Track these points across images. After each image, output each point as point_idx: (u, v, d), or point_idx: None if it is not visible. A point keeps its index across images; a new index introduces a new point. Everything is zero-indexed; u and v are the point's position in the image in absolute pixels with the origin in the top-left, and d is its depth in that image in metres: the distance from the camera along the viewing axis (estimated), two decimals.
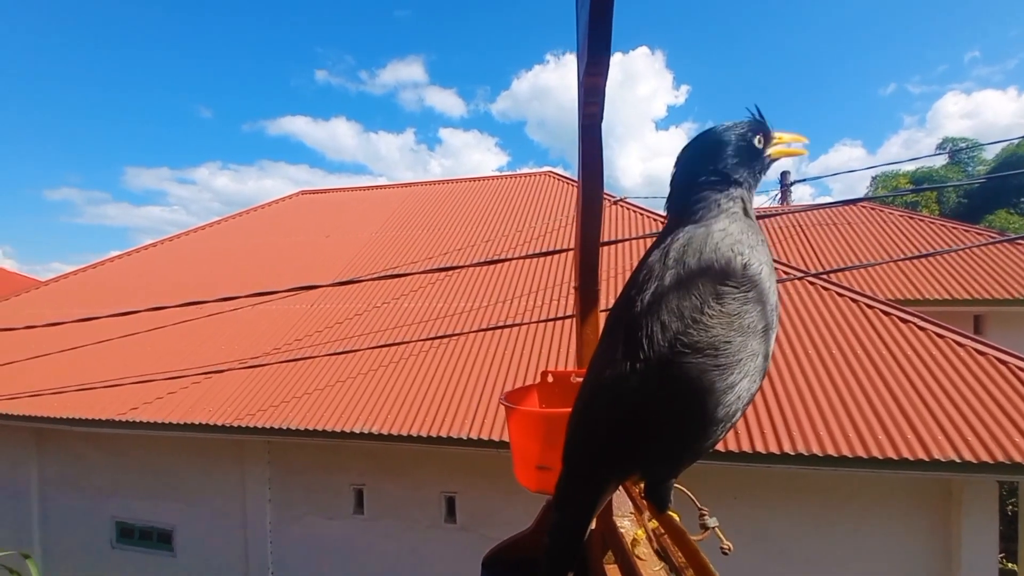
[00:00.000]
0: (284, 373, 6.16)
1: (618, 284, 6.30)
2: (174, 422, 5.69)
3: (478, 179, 12.02)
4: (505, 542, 1.17)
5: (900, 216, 10.16)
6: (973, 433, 4.19)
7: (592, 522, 0.76)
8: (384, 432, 5.16)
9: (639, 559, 0.82)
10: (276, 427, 5.42)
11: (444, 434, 5.00)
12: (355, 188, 13.10)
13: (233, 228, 11.37)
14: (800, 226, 10.27)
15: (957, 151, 24.63)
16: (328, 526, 6.27)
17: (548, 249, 7.27)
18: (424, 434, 5.04)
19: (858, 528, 4.99)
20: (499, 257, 7.56)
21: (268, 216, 11.82)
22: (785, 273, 6.32)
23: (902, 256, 8.29)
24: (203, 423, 5.63)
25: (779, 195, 13.81)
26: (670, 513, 0.72)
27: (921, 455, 4.09)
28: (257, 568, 6.38)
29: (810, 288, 6.12)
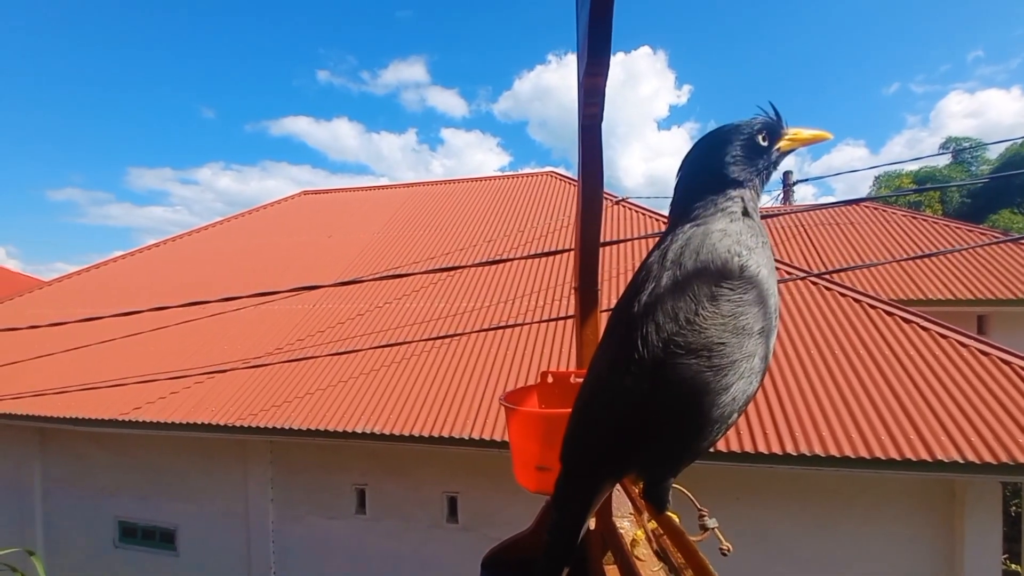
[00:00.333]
0: (286, 373, 6.18)
1: (620, 285, 6.30)
2: (177, 422, 5.71)
3: (480, 179, 12.04)
4: (504, 542, 1.17)
5: (903, 216, 10.14)
6: (976, 434, 4.18)
7: (589, 520, 0.76)
8: (386, 432, 5.17)
9: (639, 560, 0.82)
10: (278, 427, 5.43)
11: (446, 434, 5.01)
12: (357, 188, 13.14)
13: (236, 228, 11.39)
14: (803, 226, 10.26)
15: (960, 151, 24.54)
16: (330, 526, 6.28)
17: (550, 249, 7.26)
18: (426, 434, 5.05)
19: (861, 529, 4.98)
20: (501, 257, 7.56)
21: (270, 216, 11.85)
22: (788, 273, 6.30)
23: (905, 256, 8.27)
24: (206, 423, 5.65)
25: (781, 195, 13.80)
26: (669, 514, 0.72)
27: (924, 456, 4.08)
28: (259, 567, 6.39)
29: (813, 288, 6.11)
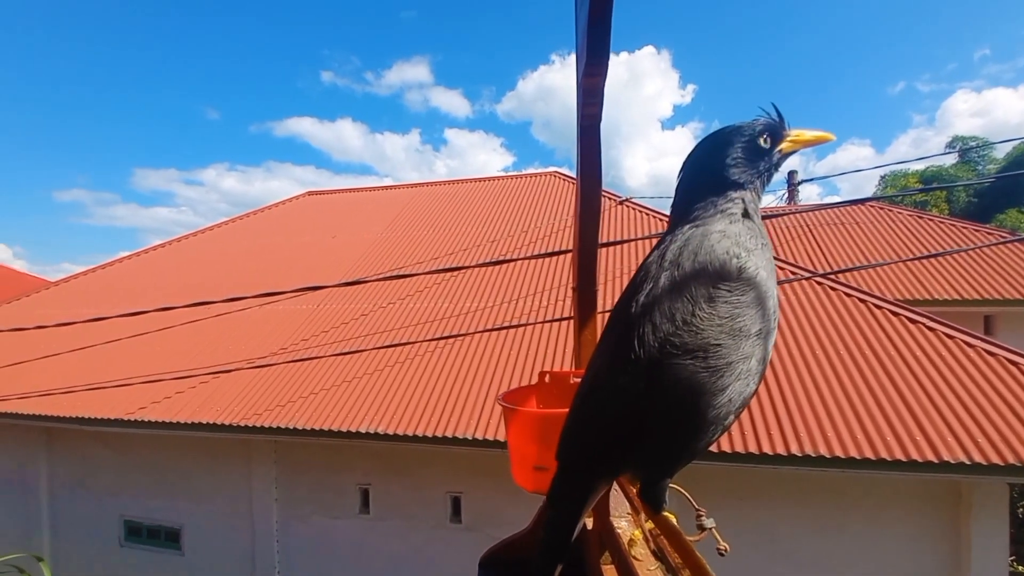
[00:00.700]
0: (291, 373, 6.20)
1: (623, 285, 6.28)
2: (182, 421, 5.73)
3: (483, 179, 12.05)
4: (502, 542, 1.17)
5: (909, 216, 10.09)
6: (983, 435, 4.15)
7: (586, 519, 0.76)
8: (390, 432, 5.18)
9: (636, 559, 0.82)
10: (283, 427, 5.45)
11: (450, 434, 5.01)
12: (361, 189, 13.19)
13: (240, 229, 11.44)
14: (808, 226, 10.21)
15: (967, 150, 24.38)
16: (334, 525, 6.29)
17: (554, 249, 7.26)
18: (430, 434, 5.06)
19: (866, 530, 4.95)
20: (505, 257, 7.56)
21: (275, 217, 11.90)
22: (793, 273, 6.28)
23: (911, 256, 8.23)
24: (210, 423, 5.67)
25: (786, 195, 13.74)
26: (666, 514, 0.72)
27: (930, 457, 4.06)
28: (263, 567, 6.41)
29: (818, 288, 6.08)
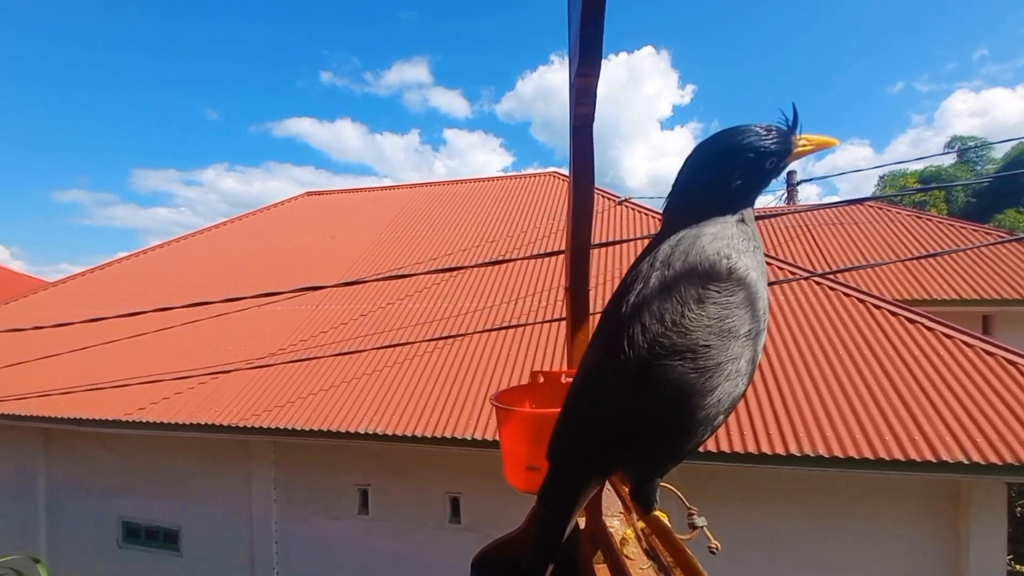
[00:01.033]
0: (290, 373, 6.19)
1: None
2: (181, 422, 5.73)
3: (483, 180, 12.04)
4: (495, 542, 1.17)
5: (908, 215, 10.09)
6: (981, 434, 4.15)
7: (578, 519, 0.77)
8: (389, 432, 5.17)
9: (628, 558, 0.82)
10: (282, 427, 5.45)
11: (449, 434, 5.01)
12: (360, 189, 13.20)
13: (239, 229, 11.44)
14: (807, 226, 10.22)
15: (966, 150, 24.41)
16: (333, 526, 6.29)
17: (553, 250, 7.26)
18: (429, 434, 5.06)
19: (865, 530, 4.96)
20: (504, 258, 7.56)
21: (274, 217, 11.90)
22: (791, 273, 6.29)
23: (910, 256, 8.24)
24: (209, 423, 5.67)
25: (785, 194, 13.75)
26: (657, 513, 0.72)
27: (929, 456, 4.06)
28: (262, 567, 6.41)
29: (816, 288, 6.09)
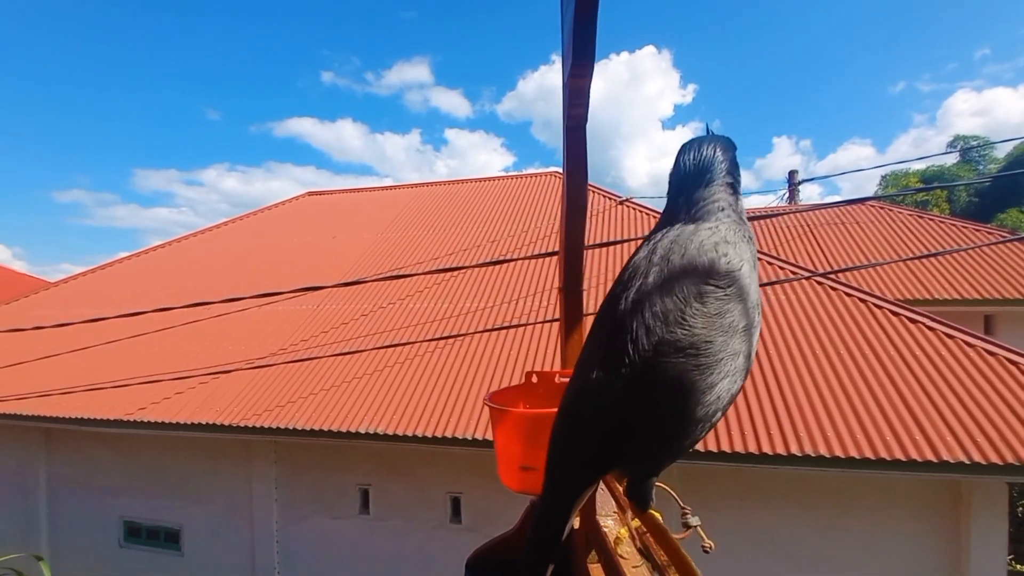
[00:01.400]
0: (290, 373, 6.20)
1: None
2: (181, 422, 5.74)
3: (484, 180, 12.03)
4: (489, 542, 1.17)
5: (909, 215, 10.07)
6: (983, 434, 4.15)
7: (574, 519, 0.77)
8: (390, 432, 5.18)
9: (622, 558, 0.82)
10: (282, 427, 5.45)
11: (449, 434, 5.01)
12: (361, 189, 13.19)
13: (240, 229, 11.45)
14: (808, 225, 10.21)
15: (968, 149, 24.37)
16: (334, 526, 6.30)
17: (554, 249, 7.25)
18: (429, 434, 5.06)
19: (866, 530, 4.95)
20: (504, 257, 7.56)
21: (275, 217, 11.91)
22: (793, 272, 6.28)
23: (911, 256, 8.22)
24: (210, 423, 5.67)
25: (787, 194, 13.74)
26: (652, 512, 0.72)
27: (930, 456, 4.06)
28: (263, 567, 6.42)
29: (818, 288, 6.08)
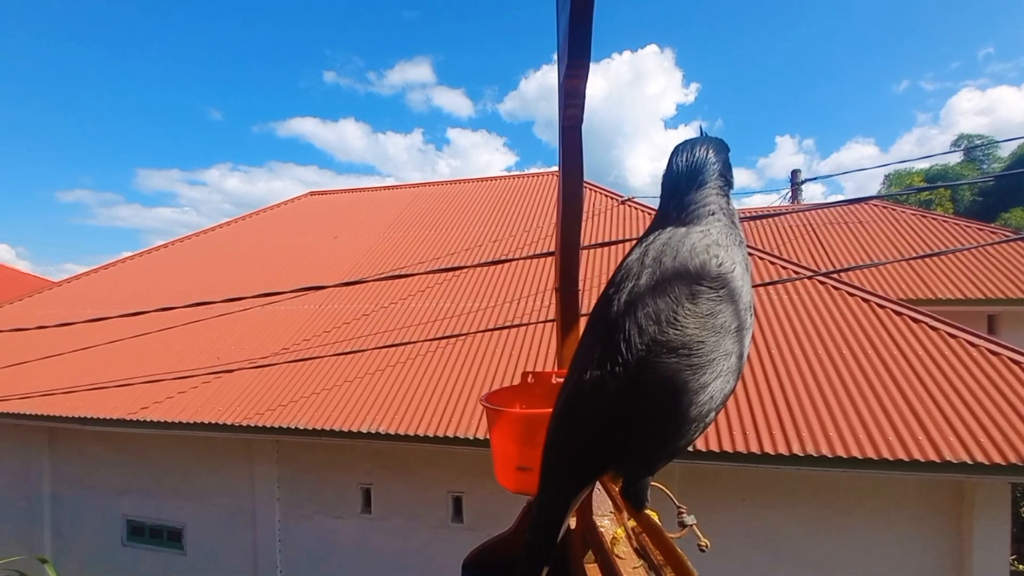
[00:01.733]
0: (292, 373, 6.21)
1: None
2: (184, 421, 5.75)
3: (486, 179, 12.03)
4: (486, 543, 1.17)
5: (913, 215, 10.03)
6: (986, 434, 4.13)
7: (570, 519, 0.77)
8: (391, 432, 5.19)
9: (619, 558, 0.82)
10: (284, 426, 5.47)
11: (451, 434, 5.02)
12: (363, 189, 13.20)
13: (243, 229, 11.47)
14: (811, 225, 10.18)
15: (972, 148, 24.27)
16: (336, 525, 6.31)
17: (553, 250, 7.25)
18: (431, 434, 5.06)
19: (869, 530, 4.94)
20: (506, 257, 7.56)
21: (277, 217, 11.92)
22: (795, 272, 6.27)
23: (915, 255, 8.19)
24: (212, 422, 5.69)
25: (790, 193, 13.70)
26: (648, 512, 0.72)
27: (933, 457, 4.05)
28: (265, 566, 6.43)
29: (821, 287, 6.07)
